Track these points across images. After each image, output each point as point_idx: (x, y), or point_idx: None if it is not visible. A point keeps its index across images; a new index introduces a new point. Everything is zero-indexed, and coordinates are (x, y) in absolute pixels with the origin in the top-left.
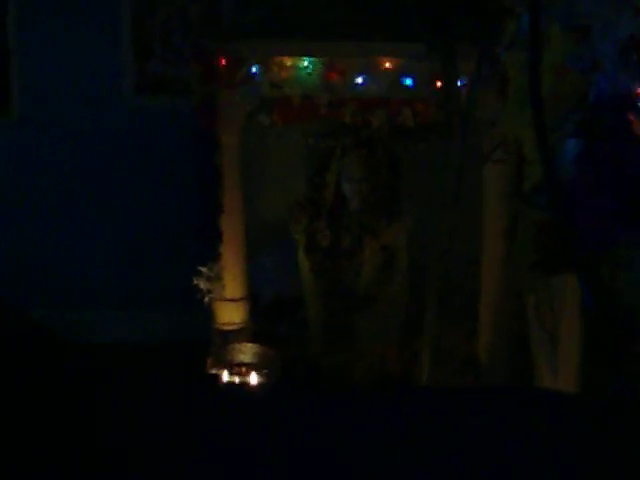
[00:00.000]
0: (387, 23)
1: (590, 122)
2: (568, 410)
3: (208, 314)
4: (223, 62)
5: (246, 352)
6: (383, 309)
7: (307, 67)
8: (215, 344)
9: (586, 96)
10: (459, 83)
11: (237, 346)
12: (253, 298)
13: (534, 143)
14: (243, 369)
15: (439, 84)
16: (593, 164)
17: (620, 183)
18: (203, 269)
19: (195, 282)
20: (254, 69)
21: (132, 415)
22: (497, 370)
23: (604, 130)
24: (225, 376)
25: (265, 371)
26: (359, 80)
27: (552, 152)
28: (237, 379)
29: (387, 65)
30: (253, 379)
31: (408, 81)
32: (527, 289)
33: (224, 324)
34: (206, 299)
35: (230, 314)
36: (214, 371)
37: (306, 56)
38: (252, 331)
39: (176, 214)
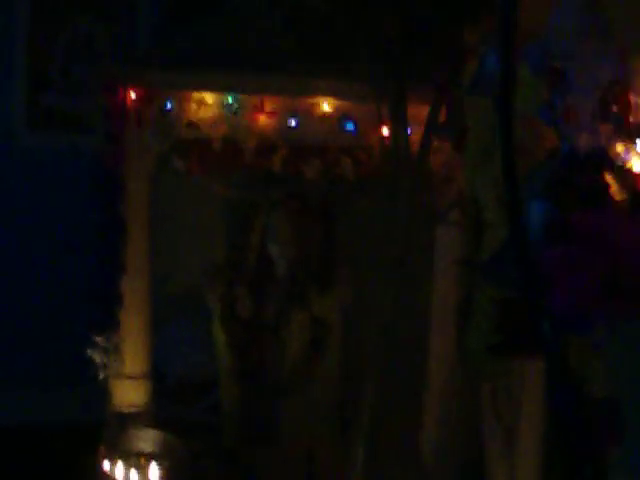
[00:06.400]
0: (328, 58)
1: (561, 183)
2: None
3: (103, 393)
4: (133, 95)
5: (146, 440)
6: (312, 395)
7: (231, 105)
8: (110, 429)
9: (556, 152)
10: (409, 130)
11: (136, 432)
12: (157, 376)
13: (496, 203)
14: (142, 460)
15: (385, 131)
16: (565, 233)
17: (598, 257)
18: (99, 339)
19: (89, 354)
20: (169, 105)
21: None
22: (444, 471)
23: (577, 193)
24: (119, 468)
25: (167, 463)
26: (292, 123)
27: (522, 213)
28: (134, 472)
29: (326, 107)
30: (153, 473)
31: (349, 126)
32: (482, 376)
33: (121, 406)
34: (101, 375)
35: (129, 394)
36: (106, 462)
37: (231, 92)
38: (154, 415)
39: (71, 272)
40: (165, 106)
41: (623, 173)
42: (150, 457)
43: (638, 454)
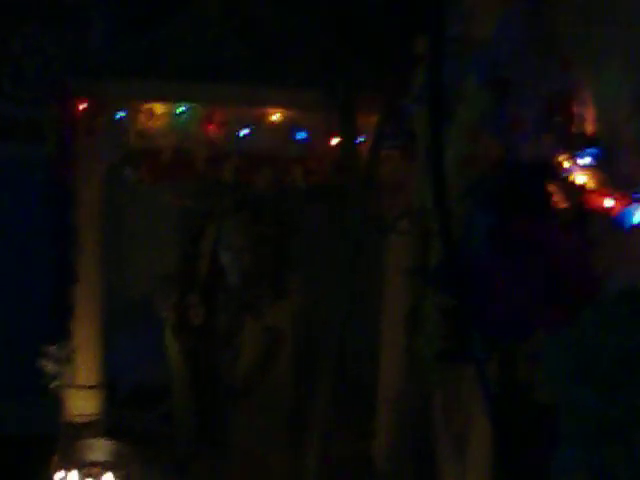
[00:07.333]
0: (278, 67)
1: (505, 192)
2: None
3: (55, 403)
4: (83, 105)
5: (99, 449)
6: (264, 402)
7: (182, 115)
8: (63, 439)
9: (501, 161)
10: (360, 139)
11: (89, 442)
12: (110, 386)
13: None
14: (96, 469)
15: (335, 140)
16: (507, 242)
17: (540, 264)
18: (51, 349)
19: (41, 364)
20: (119, 115)
21: None
22: (396, 477)
23: (520, 202)
24: (73, 478)
25: (121, 472)
26: (243, 133)
27: (450, 223)
28: None
29: (276, 116)
30: None
31: (300, 135)
32: (433, 383)
33: (74, 416)
34: (53, 385)
35: (81, 404)
36: (60, 472)
37: (181, 102)
38: (107, 425)
39: (22, 281)
40: (115, 115)
41: (566, 183)
42: (104, 466)
43: (579, 457)
